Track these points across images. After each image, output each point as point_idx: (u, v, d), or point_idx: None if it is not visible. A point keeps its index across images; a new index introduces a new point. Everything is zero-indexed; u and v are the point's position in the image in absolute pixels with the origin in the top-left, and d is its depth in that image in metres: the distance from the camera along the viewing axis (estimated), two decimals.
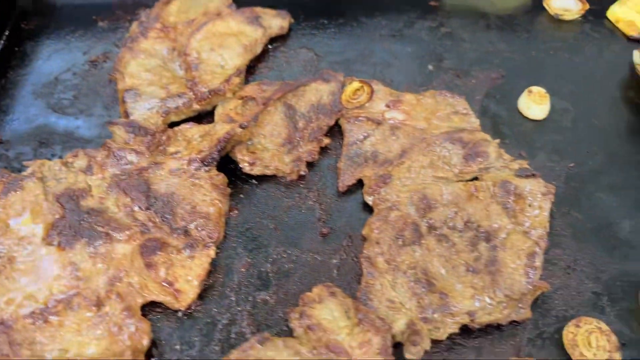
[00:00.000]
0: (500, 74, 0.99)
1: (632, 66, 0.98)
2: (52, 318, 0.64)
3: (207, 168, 0.80)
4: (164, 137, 0.83)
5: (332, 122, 0.89)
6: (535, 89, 0.93)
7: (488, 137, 0.85)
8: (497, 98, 0.95)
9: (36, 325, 0.64)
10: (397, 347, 0.67)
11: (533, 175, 0.80)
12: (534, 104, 0.91)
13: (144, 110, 0.87)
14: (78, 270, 0.68)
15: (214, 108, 0.91)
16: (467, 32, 1.07)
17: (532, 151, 0.88)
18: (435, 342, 0.68)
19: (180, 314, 0.70)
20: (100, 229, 0.72)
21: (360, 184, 0.83)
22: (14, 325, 0.64)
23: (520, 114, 0.93)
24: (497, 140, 0.85)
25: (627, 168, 0.86)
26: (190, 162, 0.80)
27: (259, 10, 1.05)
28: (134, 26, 1.01)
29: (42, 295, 0.66)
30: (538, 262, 0.72)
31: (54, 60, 1.00)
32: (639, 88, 0.96)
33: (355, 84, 0.90)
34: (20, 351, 0.62)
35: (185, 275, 0.70)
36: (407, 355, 0.65)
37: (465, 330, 0.69)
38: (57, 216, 0.72)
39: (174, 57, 0.97)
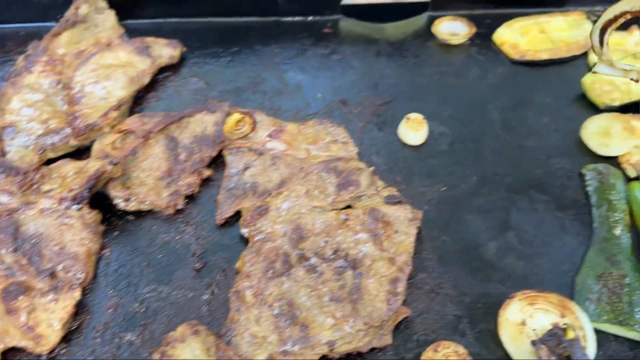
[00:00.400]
0: (385, 101, 1.02)
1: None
2: None
3: (78, 206, 0.80)
4: (37, 176, 0.83)
5: (214, 154, 0.90)
6: (413, 115, 0.96)
7: (362, 165, 0.87)
8: (378, 125, 0.98)
9: None
10: None
11: (400, 202, 0.83)
12: (411, 130, 0.95)
13: (20, 147, 0.87)
14: None
15: (91, 143, 0.91)
16: (357, 59, 1.10)
17: (408, 177, 0.91)
18: None
19: (44, 358, 0.70)
20: None
21: (239, 216, 0.84)
22: None
23: (400, 140, 0.96)
24: (372, 168, 0.87)
25: (497, 190, 0.90)
26: (61, 201, 0.79)
27: (149, 40, 1.05)
28: (20, 59, 1.01)
29: None
30: (400, 288, 0.75)
31: None
32: (515, 110, 1.00)
33: (237, 115, 0.92)
34: None
35: (47, 319, 0.70)
36: None
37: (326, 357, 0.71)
38: None
39: (58, 90, 0.96)
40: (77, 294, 0.73)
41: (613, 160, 0.93)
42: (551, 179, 0.92)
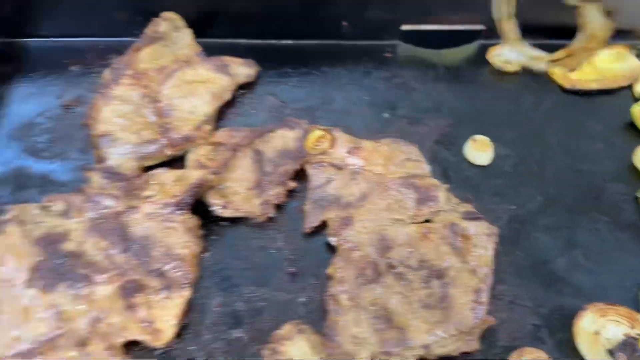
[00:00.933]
0: (449, 122, 1.09)
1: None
2: (38, 358, 0.68)
3: (180, 212, 0.85)
4: (138, 182, 0.88)
5: (297, 167, 0.96)
6: (478, 137, 1.03)
7: (438, 182, 0.93)
8: (445, 145, 1.04)
9: None
10: None
11: (478, 218, 0.89)
12: (478, 151, 1.01)
13: (119, 155, 0.92)
14: (61, 312, 0.72)
15: (184, 153, 0.96)
16: (418, 82, 1.17)
17: (478, 195, 0.97)
18: None
19: (159, 352, 0.75)
20: (80, 271, 0.76)
21: (324, 225, 0.90)
22: None
23: (467, 160, 1.02)
24: (446, 185, 0.93)
25: (560, 211, 0.96)
26: (164, 206, 0.85)
27: (226, 59, 1.12)
28: (106, 73, 1.06)
29: (27, 337, 0.69)
30: (484, 298, 0.81)
31: (28, 104, 1.04)
32: (570, 136, 1.07)
33: (318, 132, 0.98)
34: None
35: (163, 315, 0.75)
36: None
37: None
38: (38, 259, 0.76)
39: (146, 103, 1.02)
40: (187, 293, 0.78)
41: None
42: (608, 202, 0.98)
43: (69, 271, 0.76)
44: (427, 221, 0.90)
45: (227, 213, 0.89)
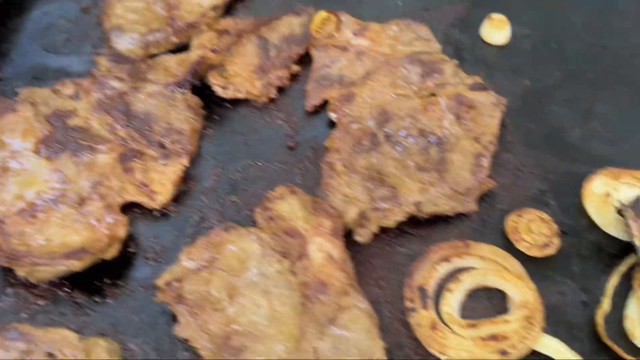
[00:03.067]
0: (466, 8, 1.03)
1: None
2: (40, 214, 0.72)
3: (182, 91, 0.86)
4: (143, 66, 0.90)
5: (302, 51, 0.95)
6: (495, 15, 0.97)
7: (446, 57, 0.90)
8: (460, 27, 1.00)
9: (25, 220, 0.71)
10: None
11: (485, 89, 0.85)
12: (495, 29, 0.96)
13: (127, 44, 0.94)
14: (64, 176, 0.76)
15: (189, 42, 0.97)
16: None
17: (491, 72, 0.93)
18: (385, 231, 0.74)
19: (156, 213, 0.78)
20: (84, 142, 0.79)
21: (326, 104, 0.89)
22: (6, 220, 0.71)
23: (482, 40, 0.98)
24: (455, 61, 0.90)
25: (581, 85, 0.90)
26: (167, 85, 0.87)
27: None
28: None
29: (31, 196, 0.74)
30: (485, 162, 0.78)
31: (49, 8, 1.08)
32: (599, 14, 0.99)
33: (323, 13, 0.96)
34: (9, 240, 0.70)
35: (160, 179, 0.78)
36: (356, 238, 0.72)
37: (414, 221, 0.75)
38: (46, 133, 0.80)
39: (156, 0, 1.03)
40: (185, 161, 0.80)
41: None
42: (634, 76, 0.91)
43: (73, 142, 0.79)
44: (432, 95, 0.87)
45: (228, 94, 0.89)
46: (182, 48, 0.97)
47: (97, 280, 0.71)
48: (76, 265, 0.68)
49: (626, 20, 0.99)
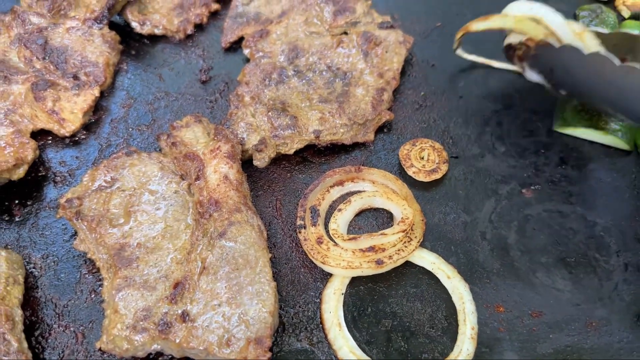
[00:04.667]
0: None
1: None
2: None
3: (100, 26, 0.88)
4: (64, 3, 0.91)
5: None
6: None
7: None
8: None
9: None
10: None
11: (392, 27, 0.88)
12: None
13: None
14: None
15: None
16: None
17: (405, 14, 0.96)
18: (287, 158, 0.78)
19: (67, 140, 0.80)
20: (0, 73, 0.81)
21: (242, 41, 0.92)
22: None
23: None
24: (368, 2, 0.93)
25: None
26: (85, 21, 0.88)
27: None
28: None
29: None
30: (386, 96, 0.82)
31: None
32: None
33: None
34: None
35: (70, 108, 0.80)
36: (254, 163, 0.75)
37: (316, 150, 0.79)
38: None
39: None
40: (96, 92, 0.82)
41: (610, 4, 0.95)
42: None
43: None
44: (344, 34, 0.91)
45: (145, 30, 0.92)
46: None
47: (6, 201, 0.74)
48: None
49: None
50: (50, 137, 0.80)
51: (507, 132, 0.82)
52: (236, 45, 0.92)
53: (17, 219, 0.73)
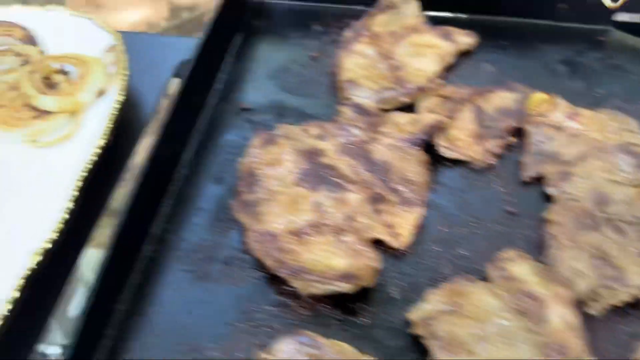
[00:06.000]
0: None
1: None
2: (305, 236, 0.84)
3: (415, 147, 0.98)
4: (379, 120, 1.03)
5: (517, 124, 1.05)
6: None
7: None
8: None
9: (294, 239, 0.84)
10: None
11: None
12: None
13: (362, 98, 1.08)
14: (321, 207, 0.88)
15: (413, 103, 1.09)
16: (633, 65, 1.20)
17: None
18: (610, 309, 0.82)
19: (397, 253, 0.88)
20: (336, 180, 0.92)
21: (540, 178, 0.98)
22: (280, 238, 0.84)
23: None
24: None
25: None
26: (401, 141, 0.99)
27: (449, 28, 1.24)
28: (348, 32, 1.23)
29: (297, 219, 0.86)
30: None
31: (281, 53, 1.24)
32: None
33: (543, 95, 1.06)
34: (284, 255, 0.82)
35: (402, 223, 0.89)
36: (589, 311, 0.79)
37: (636, 304, 0.82)
38: (304, 167, 0.93)
39: (380, 59, 1.17)
40: (422, 210, 0.91)
41: None
42: None
43: (327, 178, 0.92)
44: None
45: (452, 155, 1.00)
46: (405, 107, 1.10)
47: (349, 302, 0.82)
48: (346, 287, 0.80)
49: None
50: (382, 248, 0.89)
51: None
52: (533, 180, 0.98)
53: (361, 322, 0.80)
